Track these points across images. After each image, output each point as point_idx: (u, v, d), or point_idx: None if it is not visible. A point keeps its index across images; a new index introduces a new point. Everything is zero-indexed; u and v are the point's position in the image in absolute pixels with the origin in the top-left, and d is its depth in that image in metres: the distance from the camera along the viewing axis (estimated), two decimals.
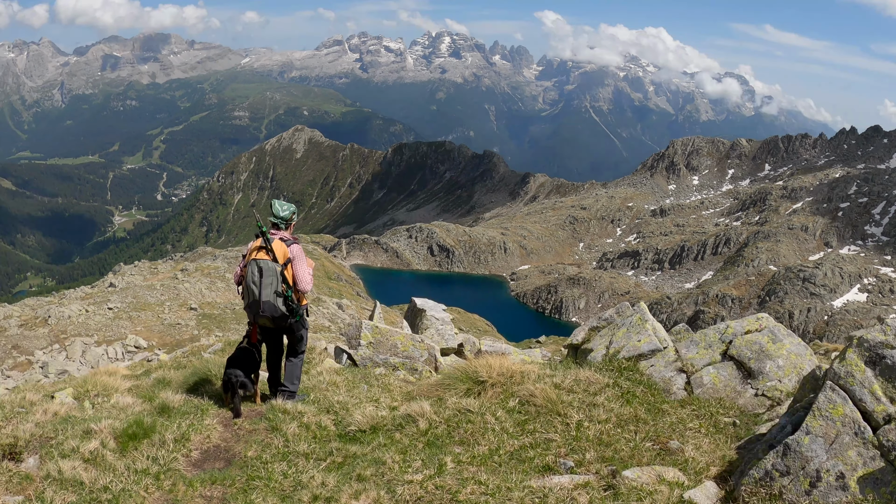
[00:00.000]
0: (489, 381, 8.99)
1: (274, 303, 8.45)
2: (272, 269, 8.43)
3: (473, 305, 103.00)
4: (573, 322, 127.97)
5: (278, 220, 8.87)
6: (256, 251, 8.58)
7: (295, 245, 8.86)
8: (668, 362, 9.70)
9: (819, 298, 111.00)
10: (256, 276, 8.39)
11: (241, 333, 34.83)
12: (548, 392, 8.54)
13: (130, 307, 36.62)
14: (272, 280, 8.41)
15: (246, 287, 8.58)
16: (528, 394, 8.64)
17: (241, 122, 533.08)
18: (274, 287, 8.42)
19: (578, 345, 11.57)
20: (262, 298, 8.39)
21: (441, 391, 9.33)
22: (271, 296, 8.41)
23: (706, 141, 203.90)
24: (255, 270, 8.42)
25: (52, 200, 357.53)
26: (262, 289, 8.36)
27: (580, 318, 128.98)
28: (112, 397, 9.90)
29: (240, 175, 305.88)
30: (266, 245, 8.55)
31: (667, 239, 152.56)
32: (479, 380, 9.09)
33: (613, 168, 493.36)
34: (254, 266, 8.44)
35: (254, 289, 8.40)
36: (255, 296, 8.41)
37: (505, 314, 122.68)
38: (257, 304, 8.44)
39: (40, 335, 29.54)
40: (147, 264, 63.66)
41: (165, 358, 18.19)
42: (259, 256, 8.51)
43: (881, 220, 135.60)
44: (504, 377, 9.03)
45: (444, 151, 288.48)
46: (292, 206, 9.09)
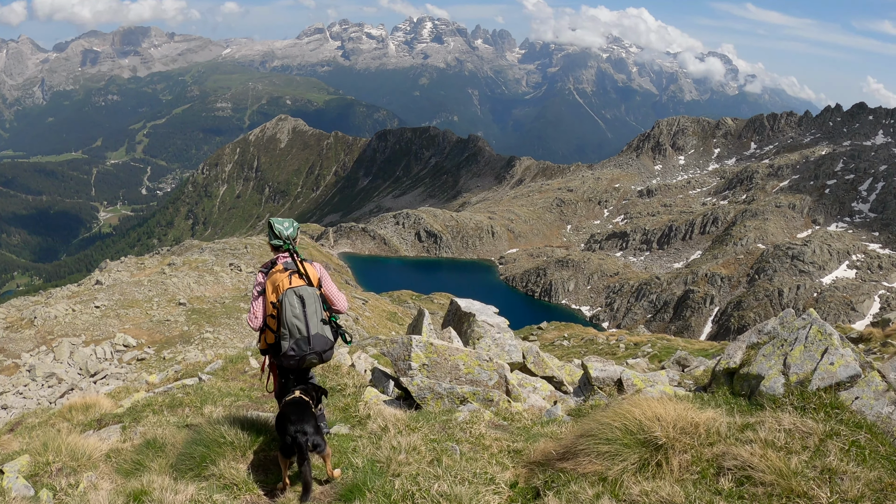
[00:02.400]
0: (667, 441, 6.06)
1: (323, 333, 7.12)
2: (312, 294, 7.12)
3: (463, 290, 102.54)
4: (563, 304, 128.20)
5: (283, 242, 7.41)
6: (287, 279, 7.15)
7: (316, 263, 7.61)
8: (877, 393, 7.23)
9: (808, 276, 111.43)
10: (298, 309, 7.01)
11: (232, 329, 34.48)
12: (772, 460, 5.74)
13: (118, 304, 36.20)
14: (316, 307, 7.10)
15: (285, 326, 7.06)
16: (737, 463, 5.79)
17: (224, 113, 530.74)
18: (319, 315, 7.11)
19: (735, 369, 8.98)
20: (312, 332, 7.03)
21: (593, 461, 6.17)
22: (318, 326, 7.09)
23: (691, 121, 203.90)
24: (294, 302, 7.01)
25: (36, 198, 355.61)
26: (309, 320, 7.02)
27: (570, 301, 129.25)
28: (81, 480, 7.29)
29: (224, 167, 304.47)
30: (297, 268, 7.24)
31: (654, 219, 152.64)
32: (650, 440, 6.11)
33: (598, 149, 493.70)
34: (292, 297, 7.03)
35: (297, 324, 6.99)
36: (302, 332, 7.00)
37: (494, 298, 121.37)
38: (306, 340, 7.02)
39: (27, 337, 29.12)
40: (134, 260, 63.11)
41: (155, 380, 15.65)
42: (295, 284, 7.12)
43: (868, 196, 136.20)
44: (687, 435, 6.18)
45: (428, 137, 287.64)
46: (294, 222, 7.63)
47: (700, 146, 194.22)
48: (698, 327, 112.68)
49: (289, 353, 7.07)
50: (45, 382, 23.58)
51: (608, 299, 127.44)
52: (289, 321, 6.97)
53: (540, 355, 12.76)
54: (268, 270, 7.36)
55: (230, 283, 47.29)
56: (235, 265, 54.09)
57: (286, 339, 7.03)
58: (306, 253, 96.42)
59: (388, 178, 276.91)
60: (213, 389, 11.06)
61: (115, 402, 11.76)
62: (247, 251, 78.85)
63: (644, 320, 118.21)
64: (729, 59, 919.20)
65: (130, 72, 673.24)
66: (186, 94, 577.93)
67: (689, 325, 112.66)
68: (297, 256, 7.30)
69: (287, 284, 7.09)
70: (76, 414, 10.48)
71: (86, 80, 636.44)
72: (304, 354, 7.07)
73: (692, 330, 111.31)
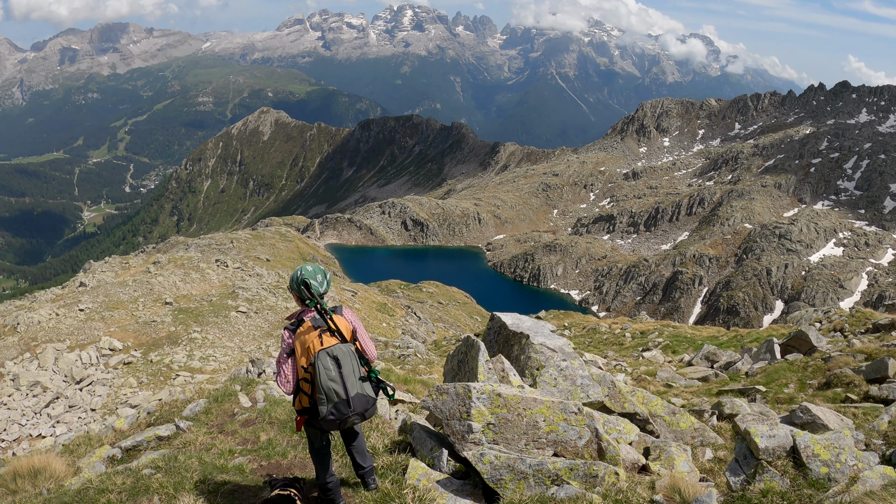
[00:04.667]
0: None
1: (363, 392, 6.46)
2: (347, 352, 6.44)
3: (451, 278, 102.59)
4: (552, 289, 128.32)
5: (315, 298, 6.59)
6: (318, 339, 6.45)
7: (346, 310, 6.83)
8: None
9: (796, 254, 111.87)
10: (334, 371, 6.35)
11: (221, 327, 33.95)
12: None
13: (102, 307, 35.67)
14: (353, 366, 6.45)
15: (321, 390, 6.39)
16: None
17: (206, 107, 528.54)
18: (357, 373, 6.46)
19: None
20: (351, 394, 6.37)
21: None
22: (357, 385, 6.43)
23: (675, 102, 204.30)
24: (328, 364, 6.35)
25: (19, 200, 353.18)
26: (346, 381, 6.37)
27: (558, 285, 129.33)
28: None
29: (207, 161, 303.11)
30: (328, 326, 6.48)
31: (641, 201, 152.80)
32: None
33: (582, 133, 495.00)
34: (325, 360, 6.35)
35: (334, 387, 6.34)
36: (340, 395, 6.36)
37: (483, 285, 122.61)
38: (345, 403, 6.38)
39: (10, 344, 28.58)
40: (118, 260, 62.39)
41: (123, 425, 12.36)
42: (327, 343, 6.42)
43: (853, 174, 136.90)
44: None
45: (411, 125, 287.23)
46: (326, 272, 6.83)
47: (684, 128, 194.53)
48: (688, 308, 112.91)
49: (328, 419, 6.41)
50: (30, 392, 23.09)
51: (597, 283, 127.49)
52: (324, 385, 6.33)
53: (615, 385, 9.51)
54: (295, 328, 6.58)
55: (217, 280, 46.79)
56: (222, 261, 53.54)
57: (324, 405, 6.38)
58: (292, 245, 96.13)
59: (373, 168, 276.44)
60: (193, 459, 8.58)
61: (69, 464, 9.72)
62: (233, 245, 78.27)
63: (633, 303, 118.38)
64: (711, 40, 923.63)
65: (110, 69, 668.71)
66: (167, 89, 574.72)
67: (679, 307, 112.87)
68: (327, 314, 6.49)
69: (318, 346, 6.41)
70: (22, 483, 8.65)
71: (65, 78, 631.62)
72: (344, 418, 6.44)
73: (682, 311, 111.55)
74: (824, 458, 6.31)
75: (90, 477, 8.17)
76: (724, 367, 18.52)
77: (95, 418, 21.77)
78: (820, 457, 6.33)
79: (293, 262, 79.62)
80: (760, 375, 15.59)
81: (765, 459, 6.61)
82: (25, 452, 18.63)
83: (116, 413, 22.03)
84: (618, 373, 19.78)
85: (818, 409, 9.20)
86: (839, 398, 12.44)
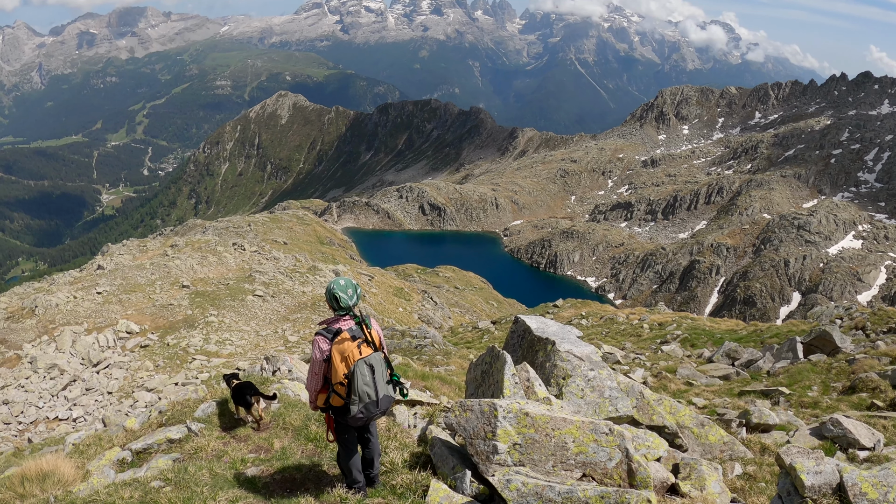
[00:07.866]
0: None
1: (389, 394, 7.22)
2: (379, 360, 7.13)
3: (468, 263, 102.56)
4: (568, 276, 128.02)
5: (345, 310, 7.24)
6: (357, 349, 7.04)
7: (373, 320, 7.44)
8: None
9: (814, 246, 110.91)
10: (369, 377, 7.03)
11: (237, 311, 33.95)
12: None
13: (120, 290, 35.74)
14: (383, 372, 7.14)
15: (356, 393, 7.02)
16: None
17: (224, 91, 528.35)
18: (385, 377, 7.19)
19: None
20: (380, 396, 7.11)
21: None
22: (385, 388, 7.16)
23: (695, 90, 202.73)
24: (365, 371, 7.02)
25: (38, 183, 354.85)
26: (377, 385, 7.07)
27: (575, 272, 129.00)
28: None
29: (225, 145, 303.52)
30: (365, 337, 7.11)
31: (659, 189, 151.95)
32: None
33: (600, 119, 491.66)
34: (363, 368, 7.01)
35: (367, 391, 7.03)
36: (372, 397, 7.06)
37: (500, 270, 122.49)
38: (374, 404, 7.11)
39: (28, 327, 28.69)
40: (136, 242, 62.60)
41: (134, 425, 11.62)
42: (365, 353, 7.05)
43: (874, 166, 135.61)
44: None
45: (430, 110, 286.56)
46: (357, 286, 7.37)
47: (704, 115, 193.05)
48: (704, 298, 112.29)
49: (357, 416, 7.16)
50: (48, 374, 23.14)
51: (613, 270, 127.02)
52: (360, 389, 7.01)
53: (644, 396, 8.93)
54: (332, 337, 7.13)
55: (234, 264, 46.81)
56: (239, 244, 53.55)
57: (356, 405, 7.08)
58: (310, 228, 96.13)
59: (391, 152, 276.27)
60: (204, 470, 8.30)
61: (78, 466, 9.45)
62: (250, 229, 78.43)
63: (650, 291, 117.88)
64: (731, 27, 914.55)
65: (128, 53, 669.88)
66: (185, 73, 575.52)
67: (695, 296, 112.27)
68: (366, 326, 7.16)
69: (357, 355, 7.04)
70: (30, 487, 8.58)
71: (83, 62, 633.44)
72: (371, 416, 7.20)
73: (698, 300, 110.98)
74: (872, 497, 5.90)
75: (98, 489, 7.96)
76: (745, 366, 18.30)
77: (112, 401, 21.80)
78: (868, 496, 5.92)
79: (310, 246, 79.67)
80: (783, 376, 15.40)
81: (810, 498, 6.21)
82: (42, 436, 18.67)
83: (132, 396, 22.05)
84: (637, 367, 19.59)
85: (849, 421, 9.11)
86: (864, 404, 12.48)
